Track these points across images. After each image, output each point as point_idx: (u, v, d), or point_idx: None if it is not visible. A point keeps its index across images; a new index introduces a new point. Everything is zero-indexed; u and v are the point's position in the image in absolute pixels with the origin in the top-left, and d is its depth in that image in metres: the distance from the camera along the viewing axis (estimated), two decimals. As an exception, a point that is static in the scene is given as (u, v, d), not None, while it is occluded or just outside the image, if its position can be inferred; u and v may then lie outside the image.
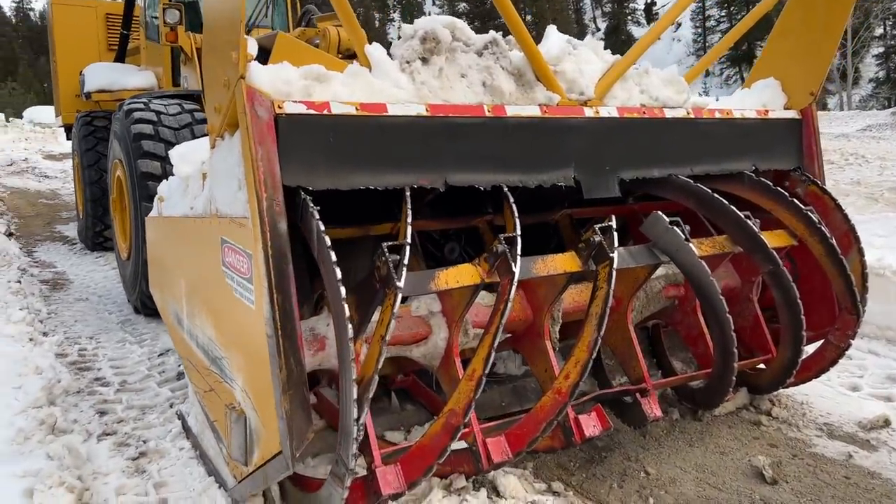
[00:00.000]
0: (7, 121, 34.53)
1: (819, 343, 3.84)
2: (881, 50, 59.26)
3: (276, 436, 2.37)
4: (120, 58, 8.93)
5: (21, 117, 37.50)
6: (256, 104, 2.37)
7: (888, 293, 4.78)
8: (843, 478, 3.27)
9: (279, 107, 2.44)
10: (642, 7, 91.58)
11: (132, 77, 7.90)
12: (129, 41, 8.85)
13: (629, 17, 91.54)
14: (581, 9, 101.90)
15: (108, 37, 9.83)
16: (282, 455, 2.36)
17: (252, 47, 2.39)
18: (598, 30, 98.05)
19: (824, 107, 43.70)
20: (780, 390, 4.00)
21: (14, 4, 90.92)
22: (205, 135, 5.40)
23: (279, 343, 2.31)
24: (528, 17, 74.52)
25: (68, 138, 10.38)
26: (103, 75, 8.11)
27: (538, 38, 3.34)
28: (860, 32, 39.86)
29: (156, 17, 7.45)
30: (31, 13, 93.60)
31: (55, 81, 10.21)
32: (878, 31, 54.62)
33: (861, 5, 40.90)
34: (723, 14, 76.62)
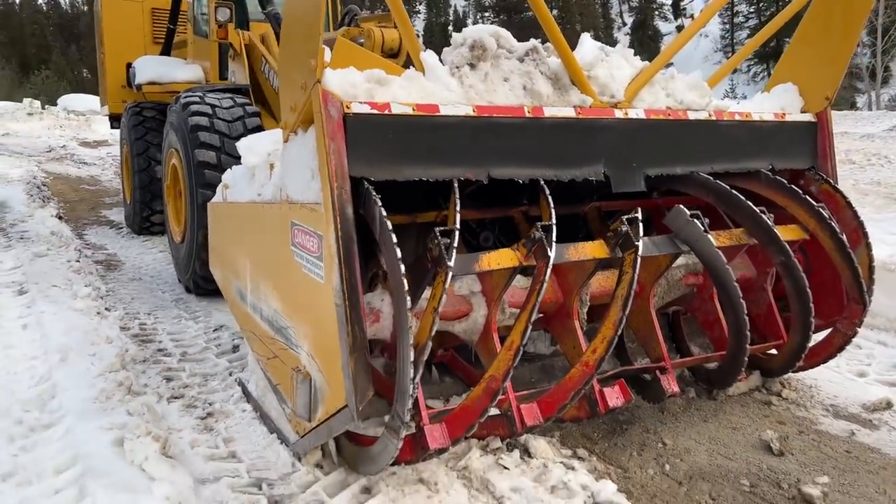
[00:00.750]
0: (43, 108, 35.32)
1: (828, 331, 4.13)
2: (913, 48, 58.47)
3: (341, 392, 2.74)
4: (166, 51, 9.35)
5: (55, 104, 38.32)
6: (329, 105, 2.73)
7: (898, 287, 5.05)
8: (844, 452, 3.58)
9: (347, 107, 2.80)
10: (670, 2, 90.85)
11: (180, 70, 8.31)
12: (176, 35, 9.26)
13: (656, 13, 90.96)
14: (608, 3, 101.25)
15: (153, 30, 10.27)
16: (347, 409, 2.73)
17: (327, 55, 2.75)
18: (625, 24, 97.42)
19: (853, 106, 43.31)
20: (791, 374, 4.30)
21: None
22: (256, 127, 5.79)
23: (346, 312, 2.68)
24: (555, 12, 74.45)
25: (113, 127, 10.83)
26: (153, 68, 8.54)
27: (567, 38, 3.66)
28: (890, 31, 39.39)
29: (204, 14, 7.85)
30: (62, 1, 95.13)
31: (102, 72, 10.67)
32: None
33: (892, 3, 40.45)
34: (751, 10, 75.89)
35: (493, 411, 3.29)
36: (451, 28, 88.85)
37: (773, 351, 4.16)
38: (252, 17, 7.63)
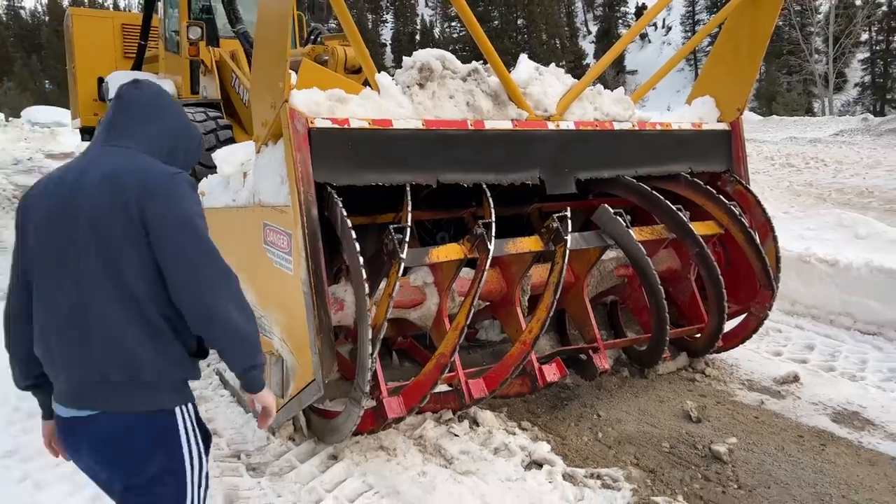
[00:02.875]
0: (7, 120, 34.98)
1: (744, 315, 4.67)
2: (867, 55, 60.54)
3: (309, 367, 3.18)
4: (137, 66, 9.66)
5: (19, 117, 37.94)
6: (296, 120, 3.18)
7: (812, 277, 5.63)
8: (753, 418, 4.11)
9: (312, 122, 3.25)
10: (633, 11, 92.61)
11: (153, 85, 8.64)
12: (147, 50, 9.59)
13: (620, 21, 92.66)
14: (572, 12, 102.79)
15: (123, 45, 10.56)
16: (315, 382, 3.16)
17: (293, 79, 3.20)
18: (590, 33, 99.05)
19: (809, 111, 44.83)
20: (715, 354, 4.84)
21: (5, 3, 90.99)
22: (228, 139, 6.19)
23: (313, 298, 3.12)
24: (521, 21, 75.61)
25: (84, 139, 11.09)
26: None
27: (533, 47, 4.18)
28: (841, 39, 40.94)
29: (175, 32, 8.22)
30: (22, 11, 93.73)
31: (73, 86, 10.93)
32: (864, 36, 55.92)
33: (844, 12, 42.05)
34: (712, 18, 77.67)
35: (445, 388, 3.77)
36: (417, 37, 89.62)
37: (698, 334, 4.69)
38: (222, 34, 8.01)
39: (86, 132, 10.83)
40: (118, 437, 1.87)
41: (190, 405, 2.00)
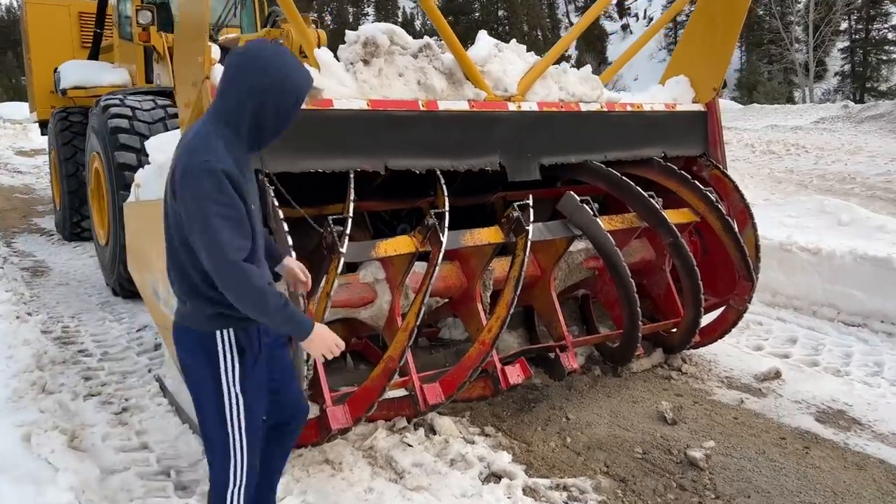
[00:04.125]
0: (-24, 117, 34.14)
1: (723, 308, 4.40)
2: (847, 44, 60.69)
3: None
4: (94, 55, 9.24)
5: (-10, 113, 37.07)
6: (220, 100, 2.83)
7: (794, 267, 5.37)
8: (732, 419, 3.83)
9: (239, 102, 2.90)
10: (615, 2, 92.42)
11: (106, 74, 8.24)
12: (103, 39, 9.17)
13: (602, 12, 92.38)
14: (554, 3, 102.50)
15: (81, 34, 10.09)
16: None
17: (215, 52, 2.86)
18: (571, 24, 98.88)
19: (790, 99, 44.83)
20: (692, 350, 4.56)
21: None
22: (177, 128, 5.83)
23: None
24: (501, 13, 75.14)
25: (42, 133, 10.63)
26: (78, 72, 8.44)
27: (518, 38, 3.87)
28: (821, 28, 40.93)
29: (128, 17, 7.82)
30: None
31: (29, 78, 10.46)
32: (843, 25, 56.00)
33: (823, 1, 42.02)
34: (692, 6, 77.65)
35: (399, 393, 3.46)
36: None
37: (674, 329, 4.40)
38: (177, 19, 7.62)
39: (43, 125, 10.38)
40: None
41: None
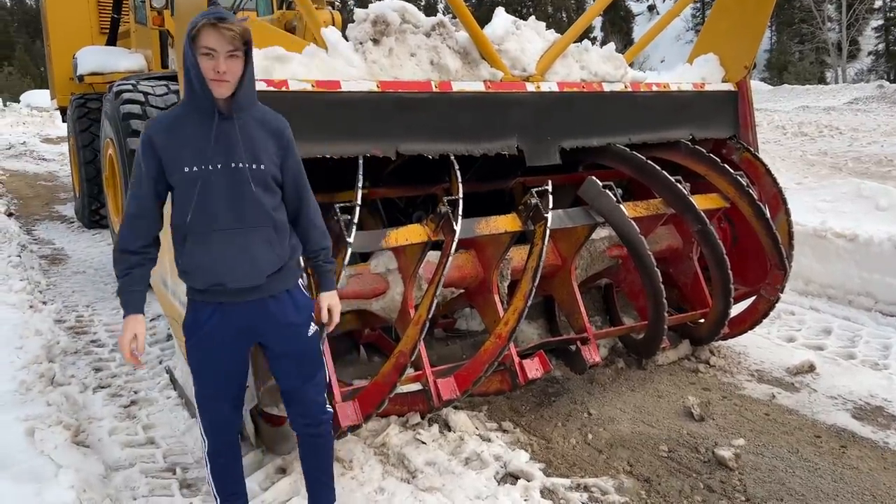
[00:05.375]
0: (4, 105, 34.63)
1: (753, 298, 4.19)
2: (881, 22, 58.92)
3: (244, 372, 2.72)
4: (111, 41, 9.16)
5: (18, 101, 37.58)
6: (220, 83, 2.69)
7: (829, 253, 5.12)
8: (763, 415, 3.64)
9: (242, 85, 2.76)
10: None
11: (123, 60, 8.16)
12: (120, 25, 9.09)
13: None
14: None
15: (99, 21, 10.03)
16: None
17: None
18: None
19: (822, 80, 43.72)
20: (720, 342, 4.36)
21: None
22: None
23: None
24: (525, -5, 74.08)
25: (63, 121, 10.63)
26: (95, 58, 8.37)
27: (538, 17, 3.68)
28: (854, 5, 39.76)
29: (144, 2, 7.71)
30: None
31: (49, 65, 10.44)
32: (878, 2, 54.33)
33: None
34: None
35: (413, 387, 3.32)
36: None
37: (702, 320, 4.21)
38: (192, 3, 7.48)
39: (64, 112, 10.36)
40: None
41: None
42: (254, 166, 2.15)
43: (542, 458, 3.27)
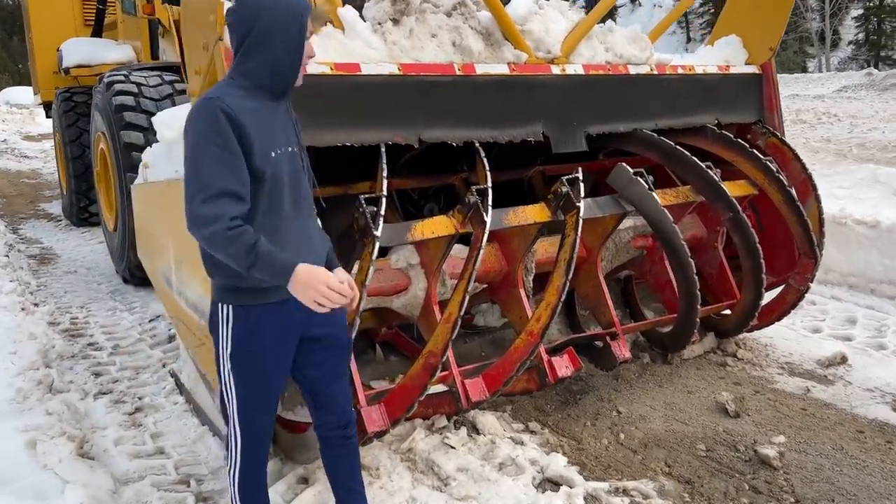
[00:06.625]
0: (-18, 103, 33.90)
1: (781, 288, 4.04)
2: (860, 12, 59.21)
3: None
4: (97, 32, 8.87)
5: (-4, 99, 36.82)
6: (235, 65, 2.49)
7: (849, 241, 4.99)
8: (800, 409, 3.49)
9: (257, 68, 2.56)
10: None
11: (110, 51, 7.88)
12: (106, 16, 8.81)
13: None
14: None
15: (83, 12, 9.72)
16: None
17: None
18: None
19: (804, 69, 43.83)
20: (745, 334, 4.21)
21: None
22: (186, 104, 5.49)
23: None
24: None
25: (48, 116, 10.29)
26: (81, 50, 8.09)
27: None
28: (836, -5, 39.92)
29: (131, -9, 7.44)
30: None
31: (32, 59, 10.11)
32: (857, -8, 54.56)
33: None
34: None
35: (438, 388, 3.14)
36: None
37: (727, 311, 4.06)
38: (183, -9, 7.22)
39: (48, 107, 10.05)
40: None
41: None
42: (296, 149, 2.02)
43: (575, 461, 3.10)
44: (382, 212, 2.60)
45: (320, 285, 1.84)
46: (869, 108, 12.60)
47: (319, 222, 2.13)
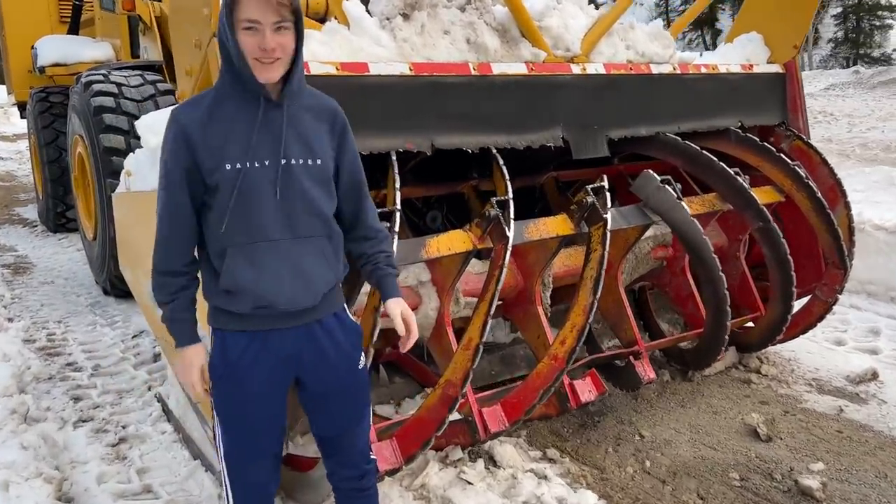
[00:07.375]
0: (-45, 102, 33.11)
1: (806, 299, 3.83)
2: (839, 10, 59.65)
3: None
4: (73, 30, 8.50)
5: (-30, 98, 35.98)
6: (231, 65, 2.21)
7: (868, 247, 4.80)
8: (836, 432, 3.28)
9: (255, 68, 2.28)
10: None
11: (88, 49, 7.52)
12: (83, 12, 8.44)
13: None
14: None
15: (59, 8, 9.36)
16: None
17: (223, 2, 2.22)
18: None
19: (785, 68, 43.92)
20: (767, 348, 4.00)
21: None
22: (170, 107, 5.17)
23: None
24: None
25: (22, 117, 9.93)
26: (57, 48, 7.72)
27: None
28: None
29: (110, -15, 7.09)
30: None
31: (5, 58, 9.72)
32: (835, -10, 54.92)
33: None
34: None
35: (453, 416, 2.87)
36: None
37: (750, 324, 3.84)
38: (165, -14, 6.90)
39: (23, 108, 9.65)
40: None
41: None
42: (309, 162, 1.72)
43: (600, 492, 2.86)
44: (397, 228, 2.34)
45: (188, 377, 1.82)
46: (864, 107, 12.51)
47: (332, 247, 1.82)
